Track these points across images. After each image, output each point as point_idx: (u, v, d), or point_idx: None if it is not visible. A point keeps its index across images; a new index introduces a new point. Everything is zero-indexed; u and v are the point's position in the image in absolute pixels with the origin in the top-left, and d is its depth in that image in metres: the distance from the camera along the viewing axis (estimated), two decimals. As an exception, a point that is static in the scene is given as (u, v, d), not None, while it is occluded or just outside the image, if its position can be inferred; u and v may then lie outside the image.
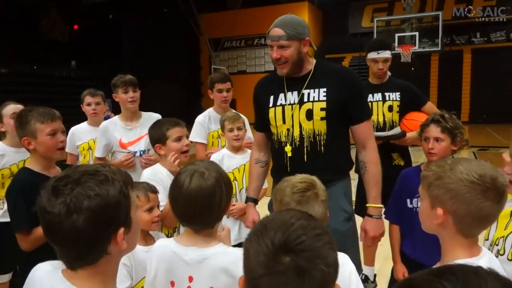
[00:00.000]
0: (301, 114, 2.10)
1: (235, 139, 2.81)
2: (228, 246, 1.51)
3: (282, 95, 2.16)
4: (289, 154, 2.13)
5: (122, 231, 0.97)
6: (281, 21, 2.09)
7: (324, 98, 2.07)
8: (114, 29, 19.78)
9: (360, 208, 2.93)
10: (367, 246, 3.01)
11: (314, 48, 2.44)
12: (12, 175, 2.74)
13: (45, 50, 17.13)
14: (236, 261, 0.87)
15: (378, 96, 3.23)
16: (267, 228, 0.85)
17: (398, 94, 3.20)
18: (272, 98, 2.19)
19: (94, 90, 3.45)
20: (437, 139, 2.16)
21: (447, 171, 1.19)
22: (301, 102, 2.10)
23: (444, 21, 16.25)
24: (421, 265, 2.01)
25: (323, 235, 0.85)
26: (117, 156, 3.01)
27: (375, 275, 3.43)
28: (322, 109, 2.07)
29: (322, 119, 2.07)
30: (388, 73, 3.31)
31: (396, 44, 15.17)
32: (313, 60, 2.19)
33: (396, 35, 15.71)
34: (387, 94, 3.22)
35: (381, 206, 2.13)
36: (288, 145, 2.13)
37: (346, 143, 2.23)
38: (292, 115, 2.12)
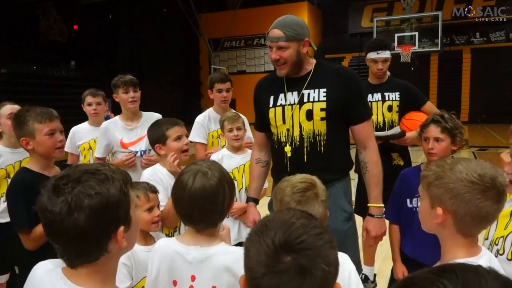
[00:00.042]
0: (301, 114, 2.10)
1: (234, 139, 2.81)
2: (230, 245, 1.51)
3: (282, 95, 2.16)
4: (288, 154, 2.13)
5: (122, 229, 0.98)
6: (280, 22, 2.09)
7: (324, 99, 2.07)
8: (113, 29, 19.77)
9: (359, 208, 2.93)
10: (369, 246, 3.01)
11: (315, 48, 2.44)
12: (7, 176, 2.73)
13: (44, 50, 17.12)
14: (238, 260, 0.88)
15: (378, 96, 3.23)
16: (268, 227, 0.85)
17: (397, 94, 3.20)
18: (272, 98, 2.19)
19: (95, 90, 3.44)
20: (437, 139, 2.16)
21: (447, 171, 1.19)
22: (301, 103, 2.10)
23: (444, 21, 16.27)
24: (420, 264, 2.00)
25: (323, 234, 0.85)
26: (118, 156, 3.01)
27: (375, 275, 3.43)
28: (322, 109, 2.07)
29: (322, 119, 2.07)
30: (388, 73, 3.32)
31: (395, 44, 15.19)
32: (313, 60, 2.19)
33: (396, 35, 15.73)
34: (386, 94, 3.22)
35: (382, 206, 2.14)
36: (288, 145, 2.13)
37: (346, 143, 2.23)
38: (292, 115, 2.12)
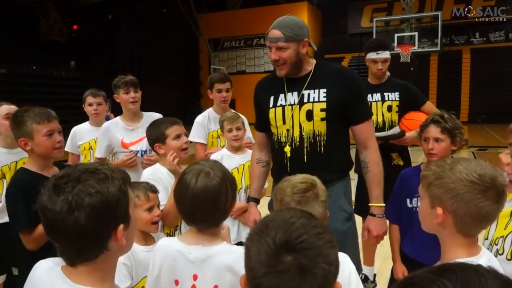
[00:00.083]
0: (301, 114, 2.10)
1: (234, 139, 2.81)
2: (231, 244, 1.52)
3: (282, 96, 2.16)
4: (288, 155, 2.13)
5: (121, 227, 0.99)
6: (279, 22, 2.09)
7: (324, 99, 2.07)
8: (113, 29, 19.77)
9: (359, 208, 2.93)
10: (370, 245, 3.01)
11: (315, 48, 2.46)
12: (3, 177, 2.70)
13: (44, 50, 17.14)
14: (240, 259, 0.88)
15: (377, 96, 3.23)
16: (268, 227, 0.85)
17: (397, 94, 3.20)
18: (272, 98, 2.19)
19: (96, 91, 3.43)
20: (437, 140, 2.16)
21: (447, 171, 1.19)
22: (301, 103, 2.10)
23: (443, 21, 16.27)
24: (420, 264, 2.00)
25: (324, 233, 0.86)
26: (118, 156, 2.99)
27: (374, 275, 3.43)
28: (322, 109, 2.07)
29: (322, 119, 2.07)
30: (387, 73, 3.32)
31: (395, 44, 15.19)
32: (313, 61, 2.19)
33: (396, 35, 15.73)
34: (386, 94, 3.22)
35: (383, 205, 2.14)
36: (288, 145, 2.13)
37: (346, 143, 2.23)
38: (292, 116, 2.12)
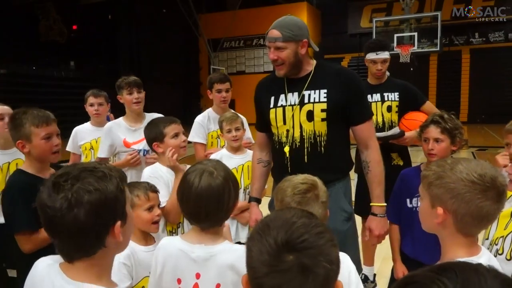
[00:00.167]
0: (301, 115, 2.10)
1: (233, 140, 2.81)
2: (232, 242, 1.53)
3: (282, 96, 2.16)
4: (287, 155, 2.13)
5: (119, 224, 1.02)
6: (278, 22, 2.09)
7: (325, 100, 2.07)
8: (113, 29, 19.77)
9: (359, 208, 2.93)
10: (372, 245, 3.01)
11: (316, 49, 2.44)
12: None
13: (44, 50, 17.14)
14: (242, 257, 0.89)
15: (377, 96, 3.23)
16: (270, 227, 0.86)
17: (396, 94, 3.20)
18: (272, 99, 2.19)
19: (97, 91, 3.43)
20: (436, 140, 2.16)
21: (447, 171, 1.19)
22: (301, 103, 2.10)
23: (443, 21, 16.30)
24: (421, 264, 2.01)
25: (324, 232, 0.86)
26: (120, 157, 2.98)
27: (374, 275, 3.43)
28: (322, 110, 2.07)
29: (323, 120, 2.08)
30: (387, 73, 3.32)
31: (395, 44, 15.21)
32: (313, 61, 2.19)
33: (395, 35, 15.75)
34: (385, 95, 3.22)
35: (385, 205, 2.14)
36: (288, 146, 2.13)
37: (346, 143, 2.23)
38: (293, 116, 2.12)
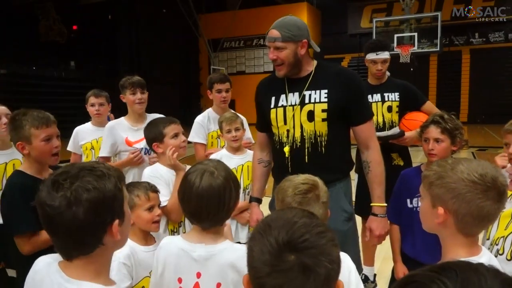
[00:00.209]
0: (302, 115, 2.10)
1: (233, 140, 2.81)
2: (233, 242, 1.53)
3: (283, 96, 2.16)
4: (287, 155, 2.13)
5: (117, 222, 1.04)
6: (278, 22, 2.10)
7: (326, 100, 2.07)
8: (113, 29, 19.78)
9: (360, 208, 2.93)
10: (372, 245, 3.00)
11: (317, 49, 2.44)
12: None
13: (44, 51, 17.14)
14: (243, 257, 0.90)
15: (377, 96, 3.23)
16: (271, 227, 0.86)
17: (397, 94, 3.20)
18: (273, 99, 2.19)
19: (98, 91, 3.43)
20: (437, 140, 2.16)
21: (448, 171, 1.19)
22: (302, 104, 2.10)
23: (443, 21, 16.31)
24: (421, 264, 2.01)
25: (325, 232, 0.86)
26: (122, 156, 2.96)
27: (375, 275, 3.43)
28: (323, 110, 2.07)
29: (324, 120, 2.07)
30: (387, 73, 3.32)
31: (395, 44, 15.23)
32: (313, 62, 2.19)
33: (395, 35, 15.77)
34: (386, 95, 3.22)
35: (385, 205, 2.14)
36: (288, 146, 2.13)
37: (347, 143, 2.23)
38: (293, 116, 2.12)
